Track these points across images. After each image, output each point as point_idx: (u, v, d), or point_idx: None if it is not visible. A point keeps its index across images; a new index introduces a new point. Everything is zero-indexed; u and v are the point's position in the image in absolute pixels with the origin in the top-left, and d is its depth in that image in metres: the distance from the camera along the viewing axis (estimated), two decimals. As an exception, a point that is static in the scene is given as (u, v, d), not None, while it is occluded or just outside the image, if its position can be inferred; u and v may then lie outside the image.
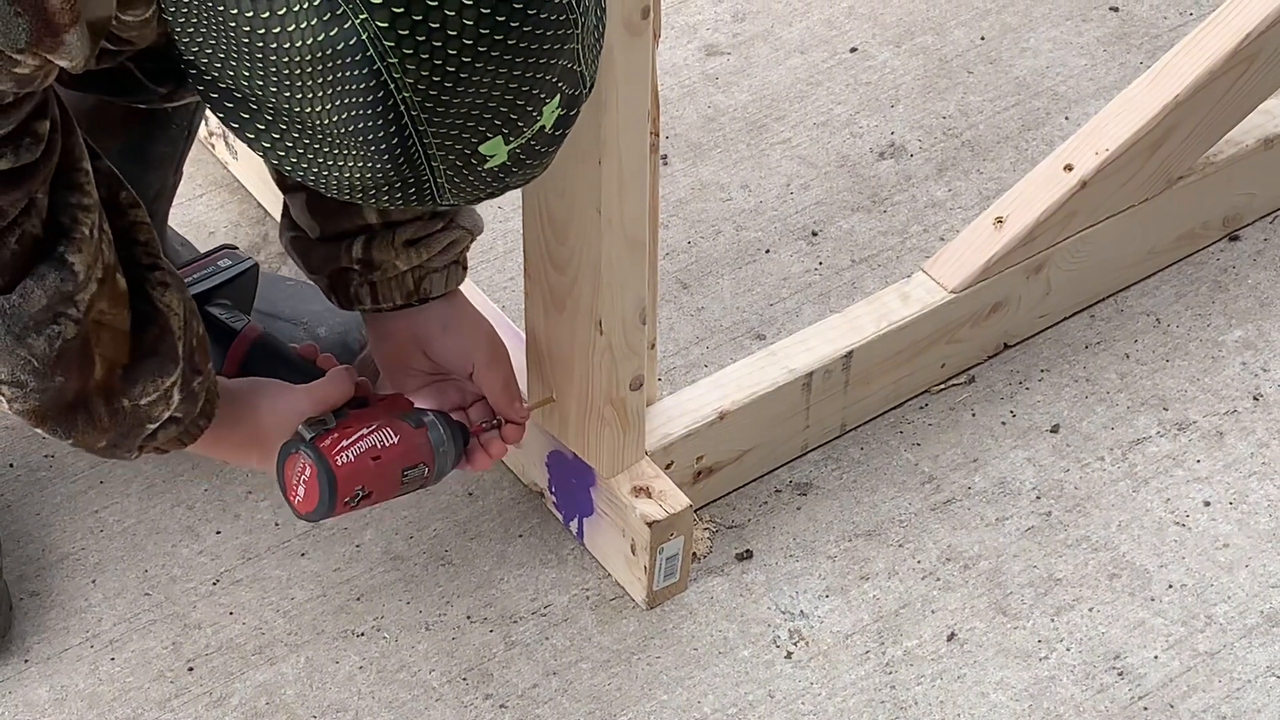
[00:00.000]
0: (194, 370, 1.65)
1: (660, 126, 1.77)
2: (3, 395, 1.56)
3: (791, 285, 2.25)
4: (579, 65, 1.41)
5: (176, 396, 1.64)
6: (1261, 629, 1.93)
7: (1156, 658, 1.90)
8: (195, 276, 1.93)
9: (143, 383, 1.61)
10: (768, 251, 2.29)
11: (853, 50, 2.56)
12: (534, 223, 1.78)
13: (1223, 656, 1.90)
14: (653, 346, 1.89)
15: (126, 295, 1.59)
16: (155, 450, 1.69)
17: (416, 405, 1.80)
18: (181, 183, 2.02)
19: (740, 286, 2.25)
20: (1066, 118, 2.46)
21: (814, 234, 2.31)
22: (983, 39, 2.58)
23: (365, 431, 1.70)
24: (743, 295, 2.24)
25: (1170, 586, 1.96)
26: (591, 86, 1.44)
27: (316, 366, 1.85)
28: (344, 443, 1.69)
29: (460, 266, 1.83)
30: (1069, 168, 2.08)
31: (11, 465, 2.05)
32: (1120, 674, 1.89)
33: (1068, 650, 1.91)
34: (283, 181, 1.82)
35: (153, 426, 1.65)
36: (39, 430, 1.60)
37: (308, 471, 1.68)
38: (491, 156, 1.41)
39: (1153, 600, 1.95)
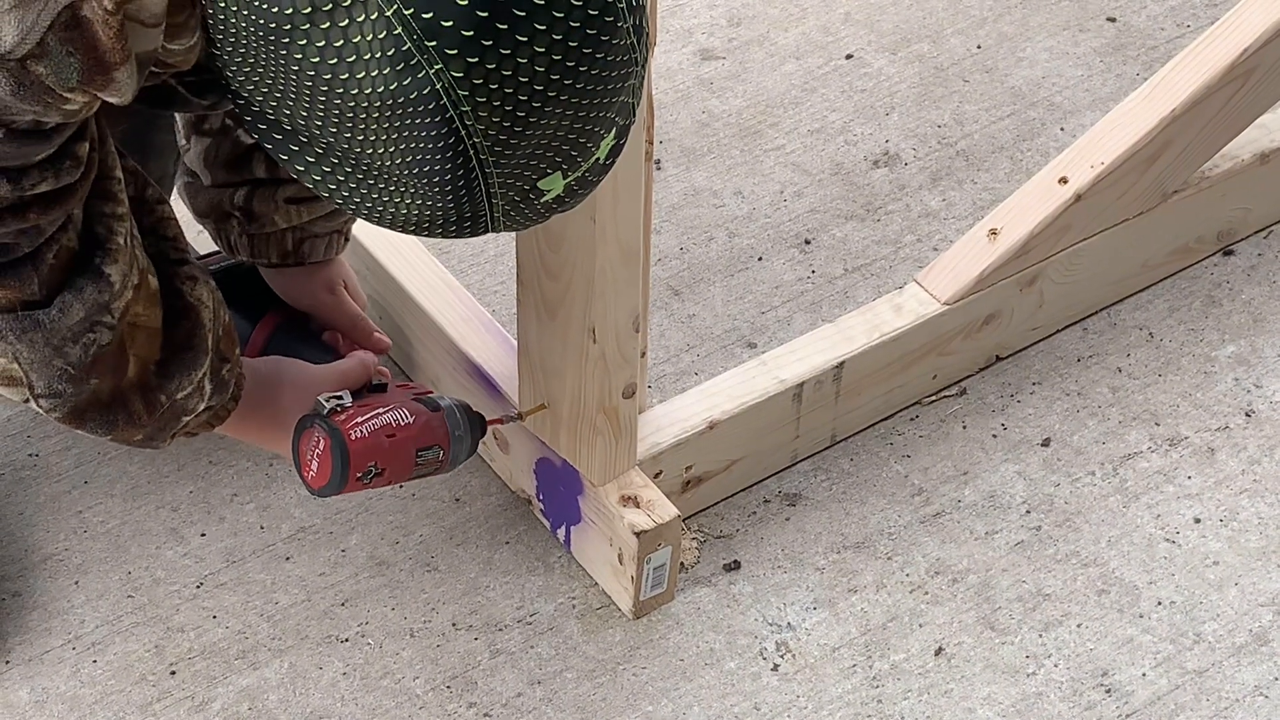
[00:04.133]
0: (222, 359, 1.66)
1: (654, 133, 1.76)
2: (40, 406, 1.57)
3: (783, 293, 2.24)
4: (633, 98, 1.42)
5: (209, 386, 1.65)
6: (1250, 648, 1.92)
7: (1145, 675, 1.89)
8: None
9: (178, 377, 1.62)
10: (760, 259, 2.28)
11: (848, 57, 2.55)
12: (528, 231, 1.76)
13: (1211, 675, 1.90)
14: (643, 355, 1.88)
15: (159, 294, 1.60)
16: (185, 435, 1.70)
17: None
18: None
19: (732, 294, 2.24)
20: (1062, 128, 2.45)
21: (807, 242, 2.30)
22: (979, 48, 2.57)
23: (381, 410, 1.72)
24: (734, 303, 2.23)
25: (1159, 603, 1.96)
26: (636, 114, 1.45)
27: (338, 353, 1.87)
28: (359, 418, 1.70)
29: (343, 236, 1.83)
30: (1064, 180, 2.07)
31: (-5, 463, 2.04)
32: (1108, 691, 1.88)
33: (1055, 666, 1.90)
34: (198, 126, 1.83)
35: (188, 419, 1.66)
36: (79, 430, 1.61)
37: (321, 445, 1.68)
38: (549, 190, 1.41)
39: (1141, 617, 1.94)
